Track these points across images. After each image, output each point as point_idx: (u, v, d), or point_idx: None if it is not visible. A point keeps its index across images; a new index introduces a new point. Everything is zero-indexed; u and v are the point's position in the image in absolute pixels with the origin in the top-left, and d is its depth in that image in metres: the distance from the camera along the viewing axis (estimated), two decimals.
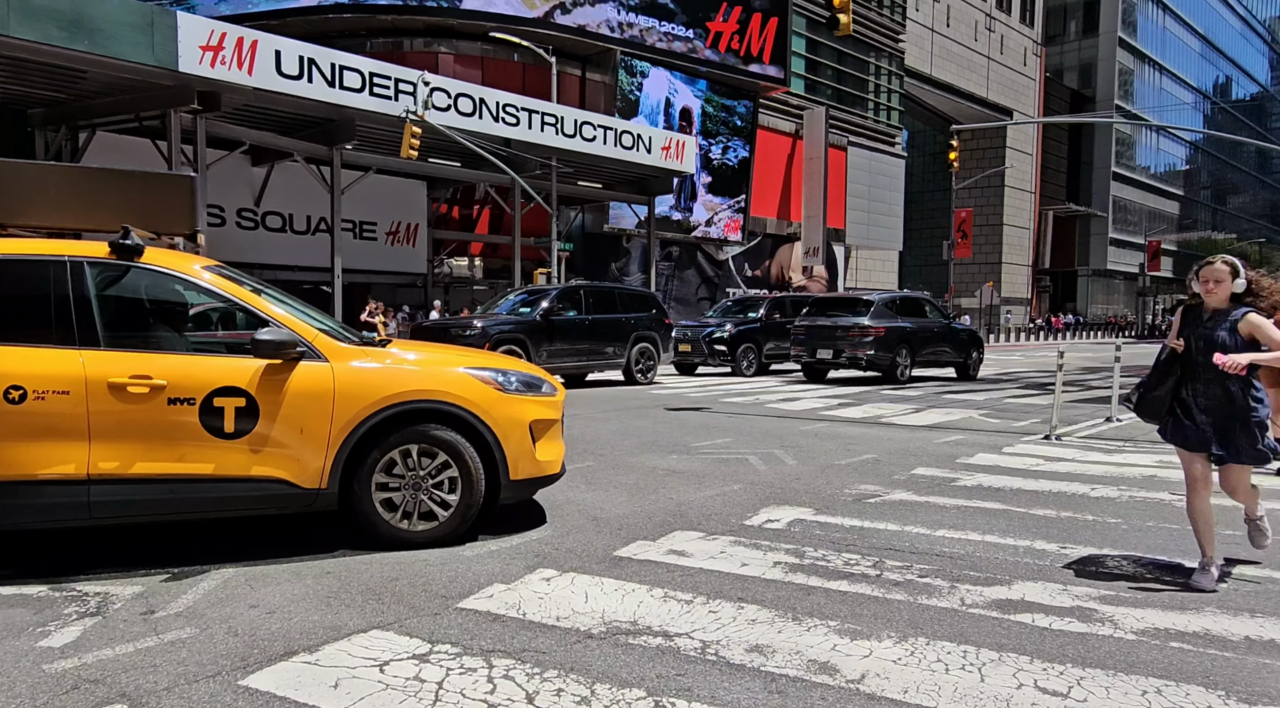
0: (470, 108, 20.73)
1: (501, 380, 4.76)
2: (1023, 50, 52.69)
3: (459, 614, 3.51)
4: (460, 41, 27.39)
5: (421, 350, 5.02)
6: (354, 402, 4.28)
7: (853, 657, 3.17)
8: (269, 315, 4.31)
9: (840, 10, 11.17)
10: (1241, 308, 3.96)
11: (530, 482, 4.82)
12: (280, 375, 4.19)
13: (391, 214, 24.74)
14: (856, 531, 4.95)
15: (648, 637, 3.31)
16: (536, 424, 4.79)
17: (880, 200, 41.91)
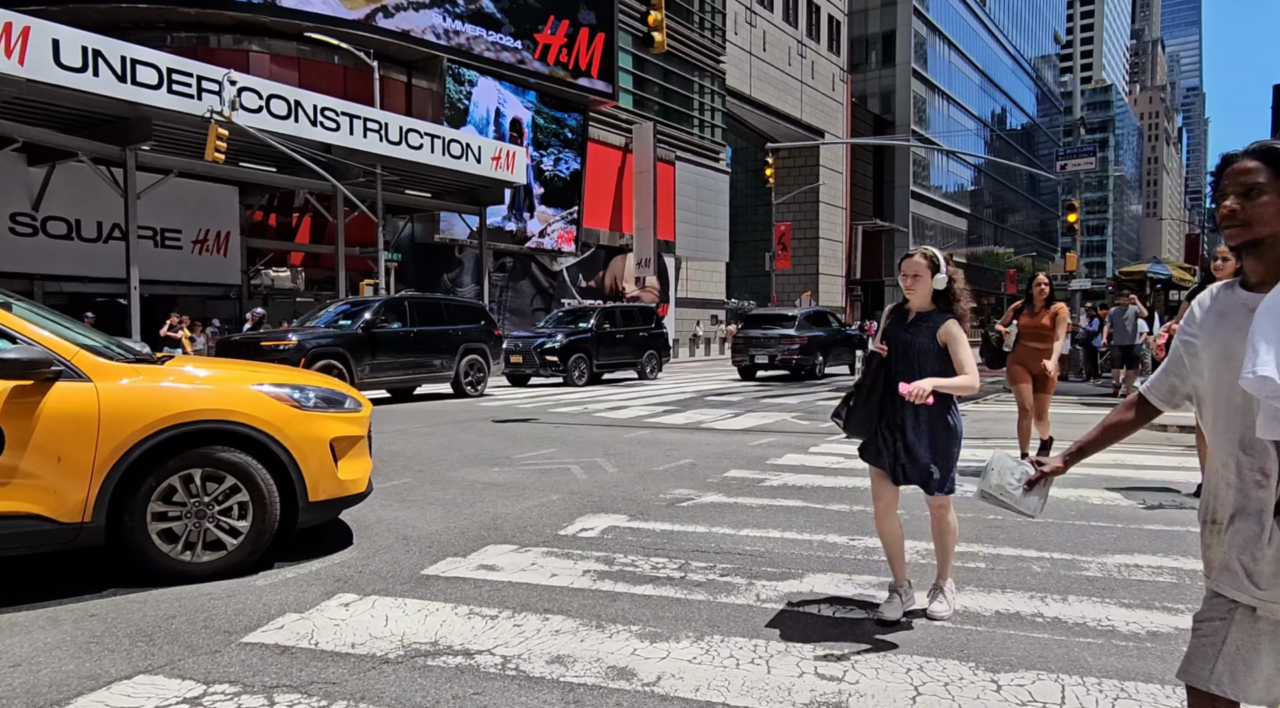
0: (285, 110, 19.67)
1: (299, 397, 4.52)
2: (831, 76, 56.43)
3: (242, 650, 3.30)
4: (274, 40, 25.91)
5: (211, 367, 4.68)
6: (124, 425, 3.92)
7: (651, 659, 3.25)
8: (15, 331, 3.86)
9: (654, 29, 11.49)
10: (946, 314, 3.58)
11: (333, 502, 4.60)
12: (31, 398, 3.75)
13: (199, 221, 22.98)
14: (667, 534, 5.10)
15: (448, 657, 3.25)
16: (339, 442, 4.58)
17: (707, 214, 43.47)
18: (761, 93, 49.09)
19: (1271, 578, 1.74)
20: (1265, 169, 1.84)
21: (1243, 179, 1.86)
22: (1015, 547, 4.78)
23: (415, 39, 27.39)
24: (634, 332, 19.65)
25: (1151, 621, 3.62)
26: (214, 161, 17.16)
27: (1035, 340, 7.12)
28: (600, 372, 18.83)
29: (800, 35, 52.89)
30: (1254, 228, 1.84)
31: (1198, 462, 7.45)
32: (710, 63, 43.16)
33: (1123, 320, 14.43)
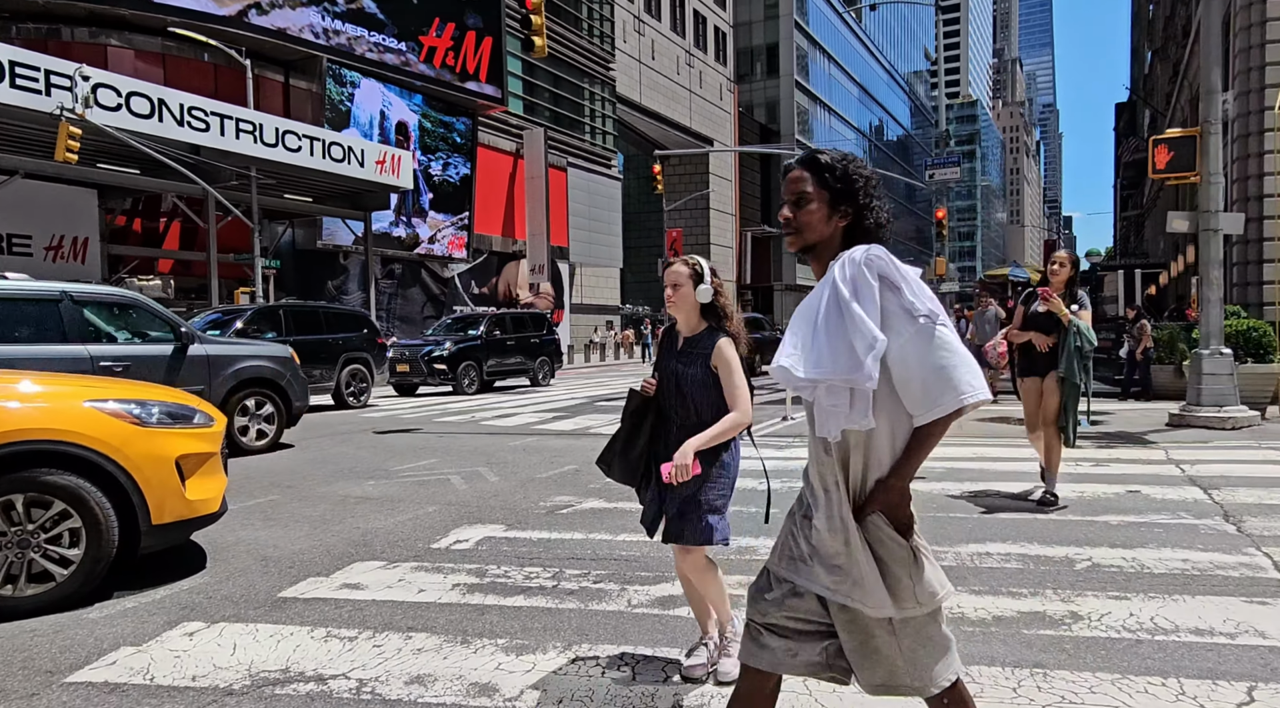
0: (147, 109, 18.52)
1: (140, 413, 4.24)
2: (719, 86, 57.64)
3: (65, 691, 3.03)
4: (135, 35, 24.38)
5: (45, 382, 4.31)
6: None
7: (516, 673, 3.18)
8: None
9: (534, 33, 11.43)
10: (717, 333, 2.96)
11: (180, 525, 4.32)
12: None
13: (52, 226, 21.33)
14: (543, 543, 5.03)
15: (299, 684, 3.09)
16: (186, 459, 4.32)
17: (600, 220, 43.56)
18: (651, 101, 49.62)
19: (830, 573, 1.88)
20: (810, 178, 1.90)
21: (794, 188, 1.92)
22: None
23: (292, 38, 26.32)
24: (525, 338, 19.46)
25: (997, 605, 3.80)
26: (66, 162, 15.97)
27: None
28: (491, 379, 18.54)
29: (688, 45, 53.77)
30: (804, 234, 1.91)
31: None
32: (600, 70, 43.31)
33: (983, 322, 14.40)
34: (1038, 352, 5.75)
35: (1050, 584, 4.09)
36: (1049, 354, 5.72)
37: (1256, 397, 10.36)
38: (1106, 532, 5.05)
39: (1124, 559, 4.47)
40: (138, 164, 19.87)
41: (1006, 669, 3.13)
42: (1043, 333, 5.70)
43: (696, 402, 2.99)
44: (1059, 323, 5.63)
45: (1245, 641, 3.34)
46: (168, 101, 18.84)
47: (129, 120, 17.89)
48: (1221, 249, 9.91)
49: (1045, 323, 5.71)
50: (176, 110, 18.97)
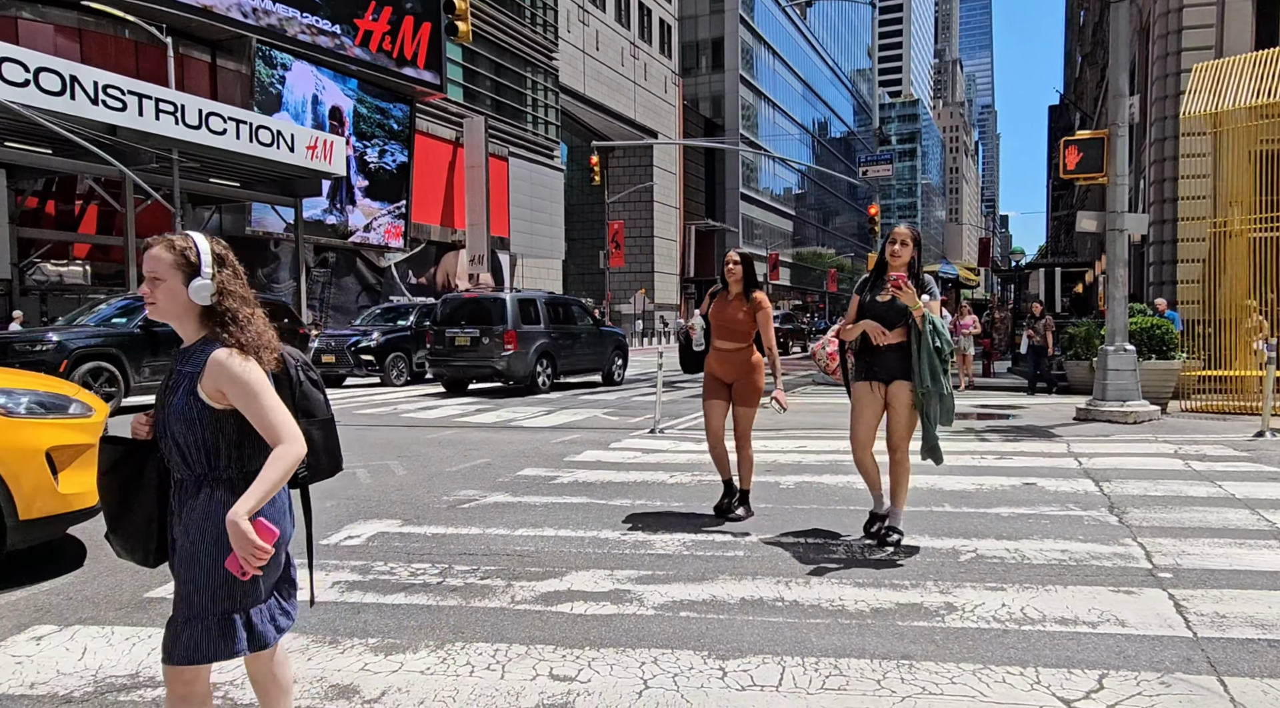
0: (58, 86, 17.68)
1: (6, 403, 4.04)
2: (664, 79, 57.64)
3: None
4: (49, 9, 23.27)
5: None
6: None
7: (380, 674, 3.10)
8: None
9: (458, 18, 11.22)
10: (212, 343, 2.03)
11: (51, 520, 4.13)
12: None
13: None
14: (437, 538, 4.93)
15: (146, 690, 2.96)
16: (59, 451, 4.13)
17: (542, 210, 43.20)
18: (595, 91, 49.37)
19: None
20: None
21: None
22: (774, 533, 4.97)
23: (217, 15, 25.43)
24: None
25: (878, 598, 3.85)
26: None
27: (726, 339, 5.29)
28: (422, 371, 18.22)
29: (633, 37, 53.62)
30: None
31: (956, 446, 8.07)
32: (543, 59, 42.90)
33: None
34: (880, 350, 4.60)
35: (933, 576, 4.16)
36: (897, 356, 4.57)
37: (1159, 392, 10.75)
38: (996, 524, 5.17)
39: (1007, 550, 4.57)
40: (50, 144, 18.98)
41: (874, 662, 3.16)
42: (885, 325, 4.59)
43: (180, 443, 2.02)
44: (905, 315, 4.48)
45: (1105, 629, 3.43)
46: (80, 79, 18.02)
47: (38, 97, 17.06)
48: (1127, 248, 10.24)
49: (886, 314, 4.56)
50: (90, 88, 18.16)
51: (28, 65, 17.04)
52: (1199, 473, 6.72)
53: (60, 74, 17.67)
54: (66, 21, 23.52)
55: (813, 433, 9.32)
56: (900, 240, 4.58)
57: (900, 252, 4.56)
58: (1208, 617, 3.55)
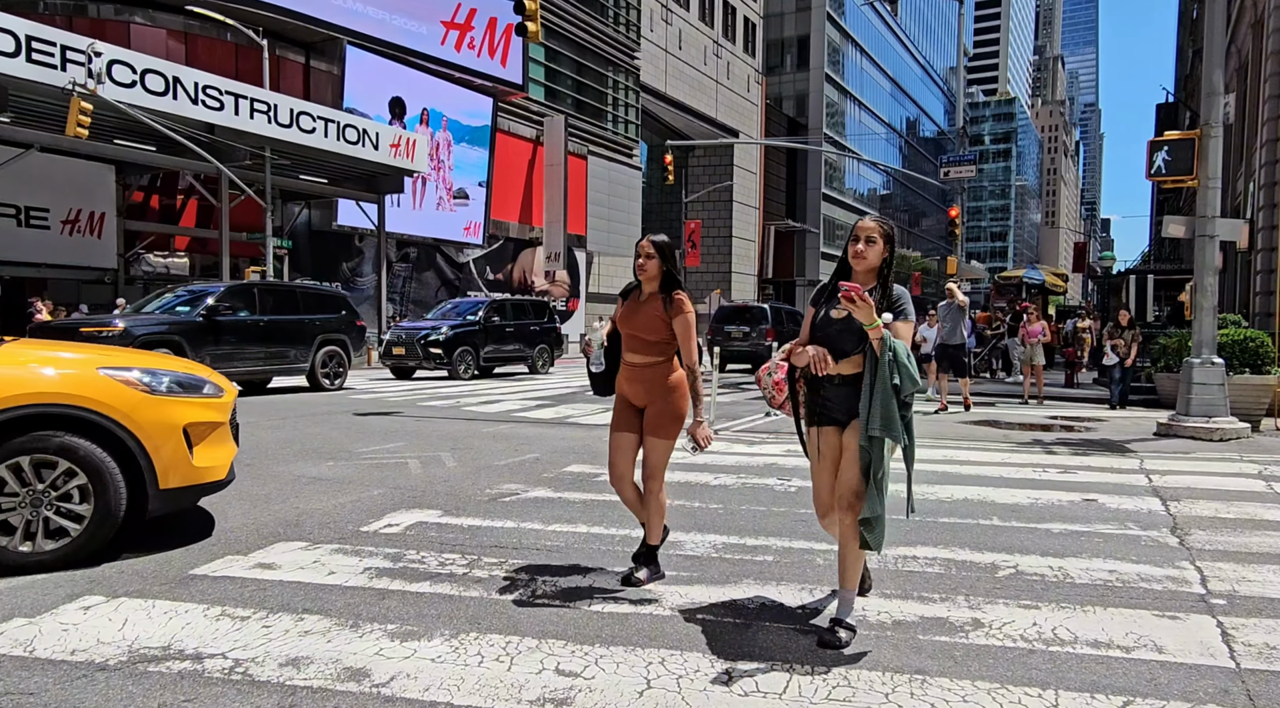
0: (162, 87, 18.75)
1: (150, 381, 4.39)
2: (746, 77, 57.20)
3: None
4: (159, 13, 24.69)
5: (50, 349, 4.54)
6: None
7: (393, 659, 3.18)
8: None
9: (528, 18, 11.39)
10: None
11: (187, 490, 4.48)
12: None
13: (69, 200, 21.71)
14: (472, 530, 5.03)
15: (174, 662, 3.11)
16: (194, 428, 4.46)
17: (619, 209, 43.50)
18: (677, 91, 49.38)
19: None
20: None
21: None
22: (808, 540, 4.89)
23: (311, 18, 26.49)
24: (525, 325, 19.48)
25: (902, 610, 3.74)
26: (76, 137, 16.21)
27: (636, 351, 3.99)
28: (490, 365, 18.60)
29: (716, 35, 53.40)
30: None
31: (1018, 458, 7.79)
32: (625, 58, 43.15)
33: (948, 315, 12.53)
34: (832, 384, 3.42)
35: (965, 590, 4.02)
36: (855, 391, 3.36)
37: (1251, 409, 10.12)
38: (1044, 540, 4.96)
39: (1050, 568, 4.38)
40: (155, 141, 20.12)
41: (886, 674, 3.08)
42: (837, 350, 3.36)
43: None
44: (863, 338, 3.26)
45: (1140, 655, 3.26)
46: (182, 79, 19.05)
47: (143, 97, 18.12)
48: (1217, 255, 9.67)
49: (840, 335, 3.36)
50: (191, 88, 19.18)
51: (135, 67, 18.10)
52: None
53: (164, 75, 18.71)
54: (174, 26, 24.89)
55: None
56: (865, 237, 3.40)
57: (865, 252, 3.39)
58: (1256, 648, 3.33)
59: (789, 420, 3.79)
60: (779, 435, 9.39)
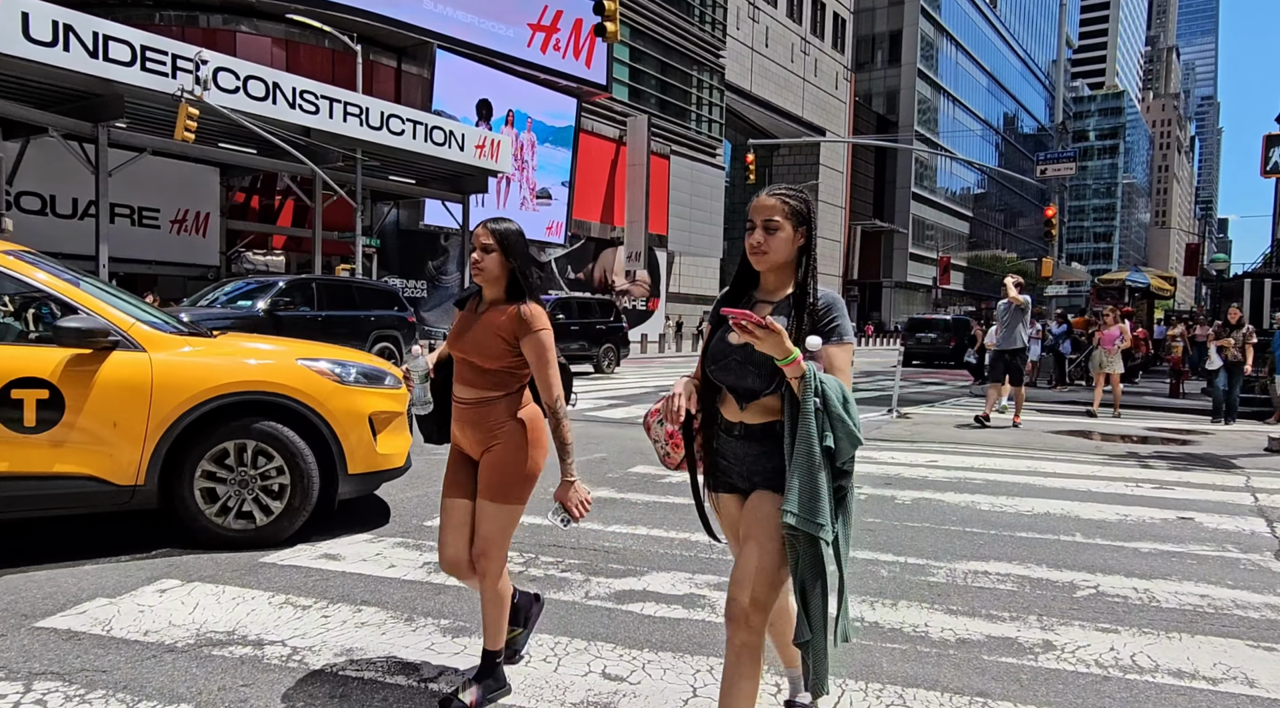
0: (262, 92, 19.59)
1: (340, 372, 4.67)
2: (835, 74, 56.17)
3: (31, 634, 3.26)
4: (262, 22, 25.88)
5: (254, 341, 4.98)
6: (175, 394, 4.17)
7: (443, 655, 3.21)
8: (78, 302, 4.14)
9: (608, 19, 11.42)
10: None
11: (371, 476, 4.77)
12: (89, 366, 4.02)
13: (178, 201, 22.95)
14: (533, 528, 5.04)
15: (237, 647, 3.22)
16: (378, 417, 4.73)
17: (701, 209, 43.35)
18: (762, 89, 48.90)
19: None
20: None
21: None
22: (873, 551, 4.73)
23: (404, 24, 27.30)
24: (591, 324, 19.53)
25: (968, 628, 3.57)
26: (183, 140, 17.10)
27: (468, 383, 2.79)
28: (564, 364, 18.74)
29: (804, 32, 52.64)
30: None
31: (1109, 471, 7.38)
32: (710, 57, 42.97)
33: (1005, 318, 10.81)
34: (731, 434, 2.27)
35: (1038, 610, 3.81)
36: (761, 449, 2.21)
37: None
38: (1130, 559, 4.66)
39: (1134, 590, 4.12)
40: (255, 145, 21.06)
41: (945, 695, 2.94)
42: (741, 390, 2.21)
43: None
44: (775, 374, 2.10)
45: (1227, 688, 3.02)
46: (281, 85, 19.86)
47: (245, 102, 18.96)
48: None
49: (740, 369, 2.18)
50: (289, 93, 19.98)
51: (238, 73, 18.97)
52: None
53: (264, 81, 19.55)
54: (277, 34, 26.03)
55: (948, 447, 8.81)
56: (763, 221, 2.21)
57: (766, 244, 2.21)
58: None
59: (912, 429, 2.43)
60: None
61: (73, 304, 4.14)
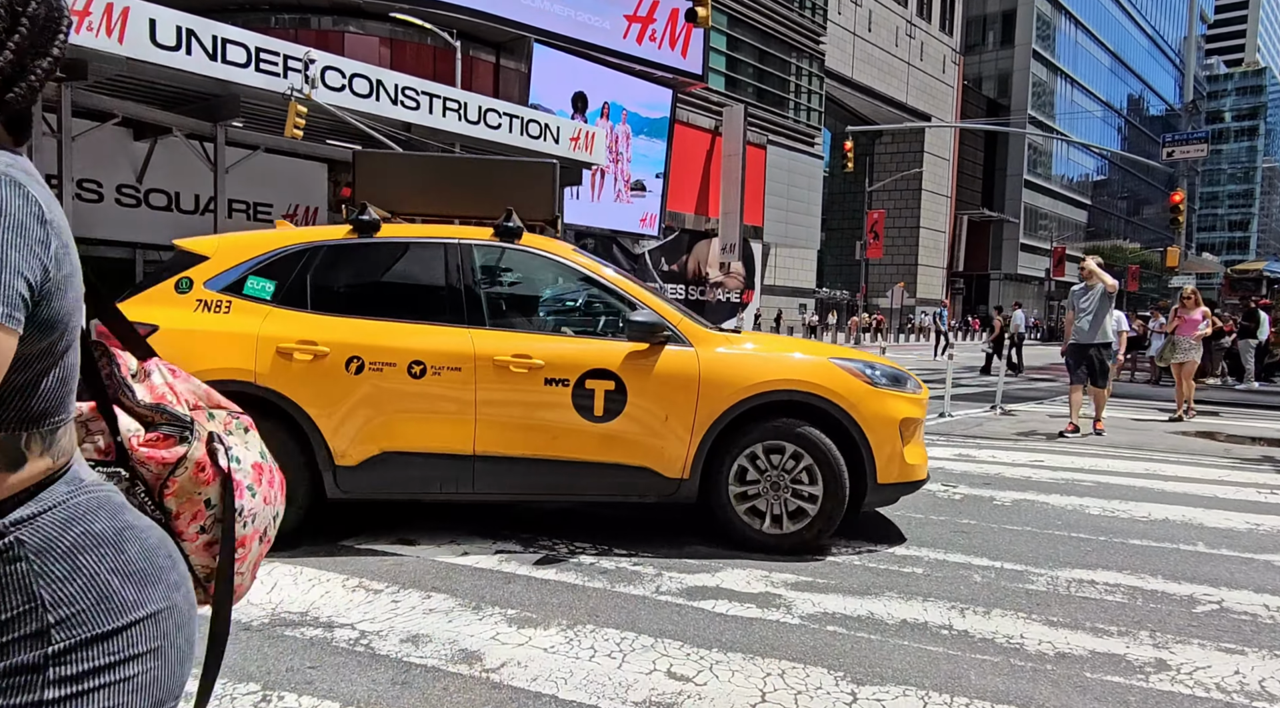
0: (367, 89, 20.27)
1: (870, 374, 4.40)
2: (942, 58, 54.04)
3: None
4: (368, 21, 26.81)
5: (778, 340, 5.08)
6: (718, 389, 4.20)
7: (507, 645, 3.16)
8: (637, 299, 4.34)
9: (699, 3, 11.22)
10: None
11: (898, 487, 4.42)
12: (648, 360, 4.20)
13: (289, 196, 24.05)
14: (610, 520, 4.97)
15: (308, 628, 3.25)
16: (905, 424, 4.40)
17: (799, 199, 42.50)
18: (864, 75, 47.53)
19: None
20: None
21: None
22: (966, 554, 4.43)
23: (502, 19, 27.76)
24: None
25: (1069, 642, 3.28)
26: (292, 137, 17.84)
27: None
28: None
29: (910, 15, 50.86)
30: None
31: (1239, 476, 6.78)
32: (809, 43, 42.02)
33: (1090, 306, 8.74)
34: None
35: (1151, 625, 3.47)
36: None
37: None
38: (1261, 573, 4.21)
39: (1265, 607, 3.70)
40: (361, 141, 21.83)
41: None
42: None
43: None
44: None
45: None
46: (384, 82, 20.50)
47: (351, 99, 19.65)
48: None
49: None
50: (392, 90, 20.59)
51: (344, 72, 19.68)
52: None
53: (369, 78, 20.22)
54: (382, 33, 26.93)
55: (1055, 447, 8.27)
56: None
57: None
58: None
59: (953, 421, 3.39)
60: (950, 438, 8.72)
61: (633, 300, 4.31)
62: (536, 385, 4.13)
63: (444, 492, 4.25)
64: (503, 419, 4.14)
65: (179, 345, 4.02)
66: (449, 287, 4.28)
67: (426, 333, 4.17)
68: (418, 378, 4.09)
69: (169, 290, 4.27)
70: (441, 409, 4.13)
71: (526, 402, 4.15)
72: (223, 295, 4.24)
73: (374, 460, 4.16)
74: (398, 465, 4.17)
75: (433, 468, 4.18)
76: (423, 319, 4.23)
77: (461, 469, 4.18)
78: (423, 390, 4.11)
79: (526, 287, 4.71)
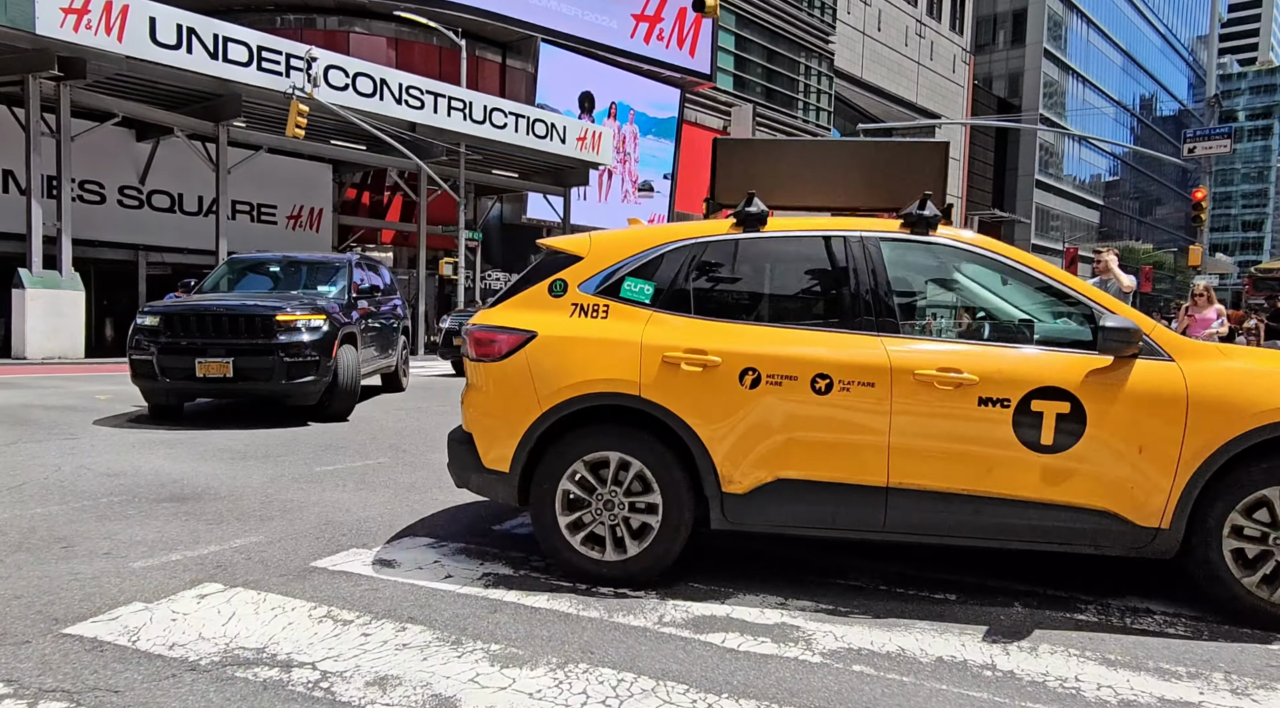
0: (370, 88, 19.99)
1: None
2: (952, 57, 53.52)
3: (55, 641, 3.00)
4: (374, 21, 26.55)
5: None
6: (1215, 416, 3.34)
7: (488, 689, 2.76)
8: (1097, 302, 3.55)
9: None
10: None
11: None
12: (1115, 376, 3.41)
13: (293, 197, 23.80)
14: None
15: (263, 668, 2.86)
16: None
17: None
18: (873, 74, 47.08)
19: None
20: None
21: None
22: (1002, 579, 4.01)
23: (508, 19, 27.45)
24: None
25: (1132, 685, 2.86)
26: (294, 137, 17.56)
27: None
28: None
29: (919, 14, 50.38)
30: None
31: None
32: (819, 43, 41.63)
33: None
34: None
35: (1227, 667, 3.05)
36: None
37: None
38: None
39: None
40: (365, 141, 21.54)
41: None
42: None
43: None
44: None
45: None
46: (388, 81, 20.21)
47: (354, 99, 19.37)
48: None
49: None
50: (396, 89, 20.31)
51: (347, 71, 19.40)
52: None
53: (372, 77, 19.93)
54: (388, 33, 26.66)
55: None
56: None
57: None
58: None
59: None
60: None
61: (1092, 303, 3.55)
62: (968, 405, 3.46)
63: (846, 528, 3.64)
64: (924, 445, 3.50)
65: (558, 354, 3.73)
66: (854, 287, 3.67)
67: (831, 341, 3.61)
68: (823, 393, 3.53)
69: (543, 293, 3.90)
70: (850, 431, 3.54)
71: (954, 425, 3.48)
72: (599, 299, 3.82)
73: (765, 488, 3.63)
74: (791, 495, 3.62)
75: (836, 500, 3.59)
76: (823, 326, 3.69)
77: (871, 503, 3.56)
78: (828, 408, 3.53)
79: (947, 286, 4.13)
